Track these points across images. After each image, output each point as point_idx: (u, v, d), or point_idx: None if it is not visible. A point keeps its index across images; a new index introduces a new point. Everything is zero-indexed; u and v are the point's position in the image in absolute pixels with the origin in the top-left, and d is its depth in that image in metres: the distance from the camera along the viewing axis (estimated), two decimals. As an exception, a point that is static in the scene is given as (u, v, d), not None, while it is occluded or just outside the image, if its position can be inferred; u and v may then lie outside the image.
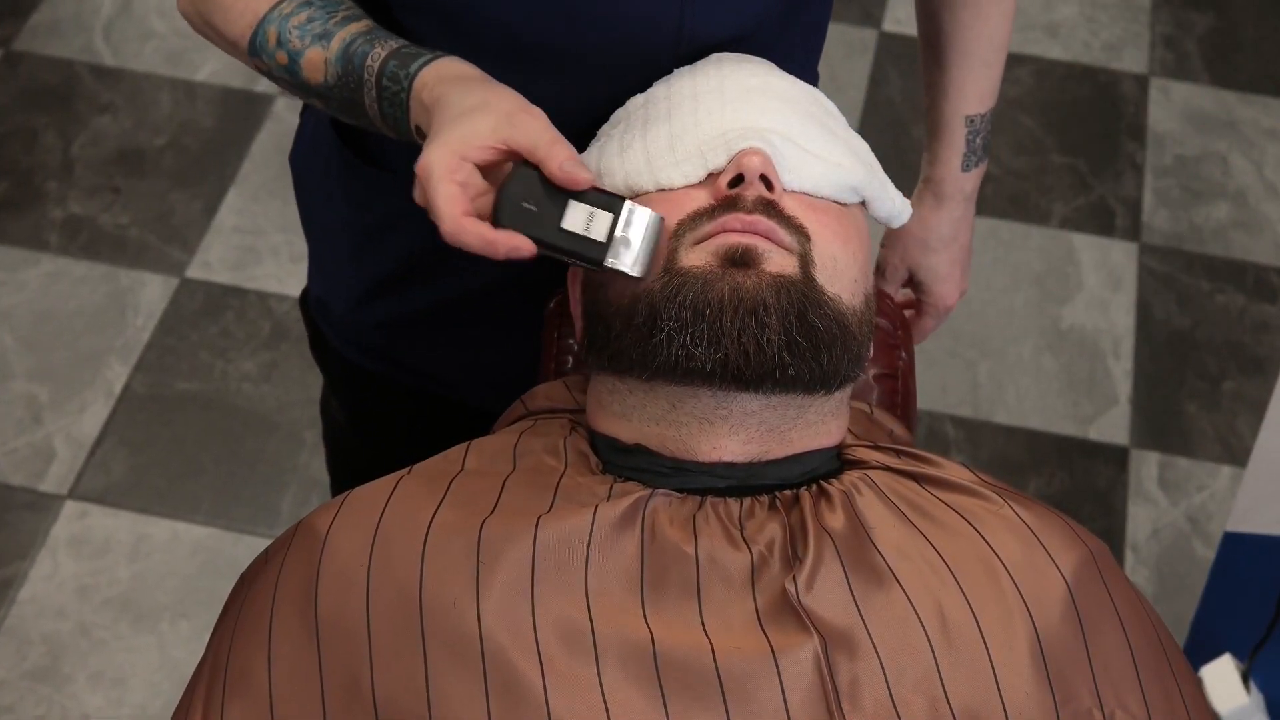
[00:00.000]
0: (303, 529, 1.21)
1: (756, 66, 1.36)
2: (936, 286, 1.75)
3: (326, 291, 1.71)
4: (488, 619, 1.11)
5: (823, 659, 1.11)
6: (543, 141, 1.20)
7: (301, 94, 1.38)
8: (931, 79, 1.67)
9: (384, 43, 1.31)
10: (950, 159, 1.68)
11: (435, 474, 1.24)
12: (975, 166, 1.69)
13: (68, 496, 2.75)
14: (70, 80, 3.40)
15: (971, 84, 1.65)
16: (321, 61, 1.33)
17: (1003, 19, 1.63)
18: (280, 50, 1.35)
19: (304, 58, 1.34)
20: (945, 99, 1.66)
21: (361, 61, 1.30)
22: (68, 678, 2.54)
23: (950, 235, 1.72)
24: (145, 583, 2.65)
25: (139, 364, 2.95)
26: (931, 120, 1.69)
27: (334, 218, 1.64)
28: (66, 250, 3.11)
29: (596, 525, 1.16)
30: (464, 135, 1.20)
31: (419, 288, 1.61)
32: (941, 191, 1.70)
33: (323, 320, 1.74)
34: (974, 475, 1.27)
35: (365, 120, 1.34)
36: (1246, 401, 2.99)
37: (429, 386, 1.73)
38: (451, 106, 1.23)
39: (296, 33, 1.34)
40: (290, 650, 1.15)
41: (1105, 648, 1.18)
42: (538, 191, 1.21)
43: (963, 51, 1.64)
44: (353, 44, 1.31)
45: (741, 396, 1.22)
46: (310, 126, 1.66)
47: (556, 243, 1.21)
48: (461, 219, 1.18)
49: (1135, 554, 2.77)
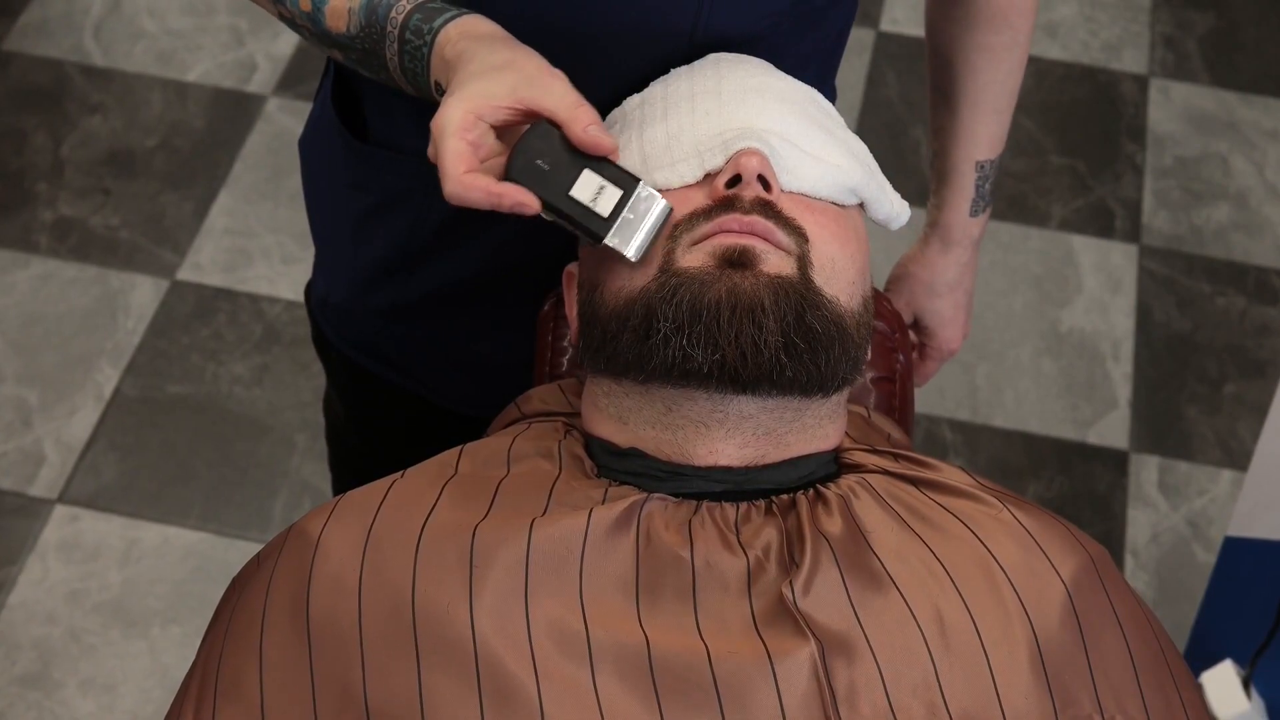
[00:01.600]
0: (294, 533, 1.21)
1: (754, 67, 1.35)
2: (941, 331, 1.76)
3: (328, 280, 1.71)
4: (481, 624, 1.11)
5: (820, 664, 1.11)
6: (566, 103, 1.20)
7: (323, 43, 1.37)
8: (941, 124, 1.68)
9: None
10: (959, 204, 1.68)
11: (428, 478, 1.23)
12: (982, 212, 1.70)
13: (58, 501, 2.75)
14: (60, 81, 3.40)
15: (983, 130, 1.66)
16: (345, 10, 1.32)
17: (1016, 66, 1.63)
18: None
19: (328, 5, 1.33)
20: (956, 144, 1.67)
21: (386, 13, 1.30)
22: (58, 684, 2.54)
23: (956, 280, 1.73)
24: (136, 588, 2.65)
25: (129, 367, 2.94)
26: (940, 165, 1.69)
27: (335, 200, 1.64)
28: (56, 252, 3.11)
29: (591, 529, 1.16)
30: (483, 92, 1.20)
31: (417, 272, 1.61)
32: (949, 238, 1.70)
33: (323, 315, 1.74)
34: (972, 479, 1.27)
35: (385, 74, 1.33)
36: (1247, 405, 2.99)
37: (423, 391, 1.73)
38: (474, 62, 1.23)
39: None
40: (282, 656, 1.15)
41: (1105, 653, 1.17)
42: (555, 151, 1.21)
43: (975, 98, 1.64)
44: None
45: (738, 399, 1.22)
46: (317, 109, 1.66)
47: (561, 207, 1.21)
48: (464, 176, 1.18)
49: (1135, 559, 2.77)
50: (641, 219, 1.21)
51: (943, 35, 1.64)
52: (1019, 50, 1.62)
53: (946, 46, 1.64)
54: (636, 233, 1.21)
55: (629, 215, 1.21)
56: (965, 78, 1.63)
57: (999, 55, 1.62)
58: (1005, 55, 1.62)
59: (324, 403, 1.97)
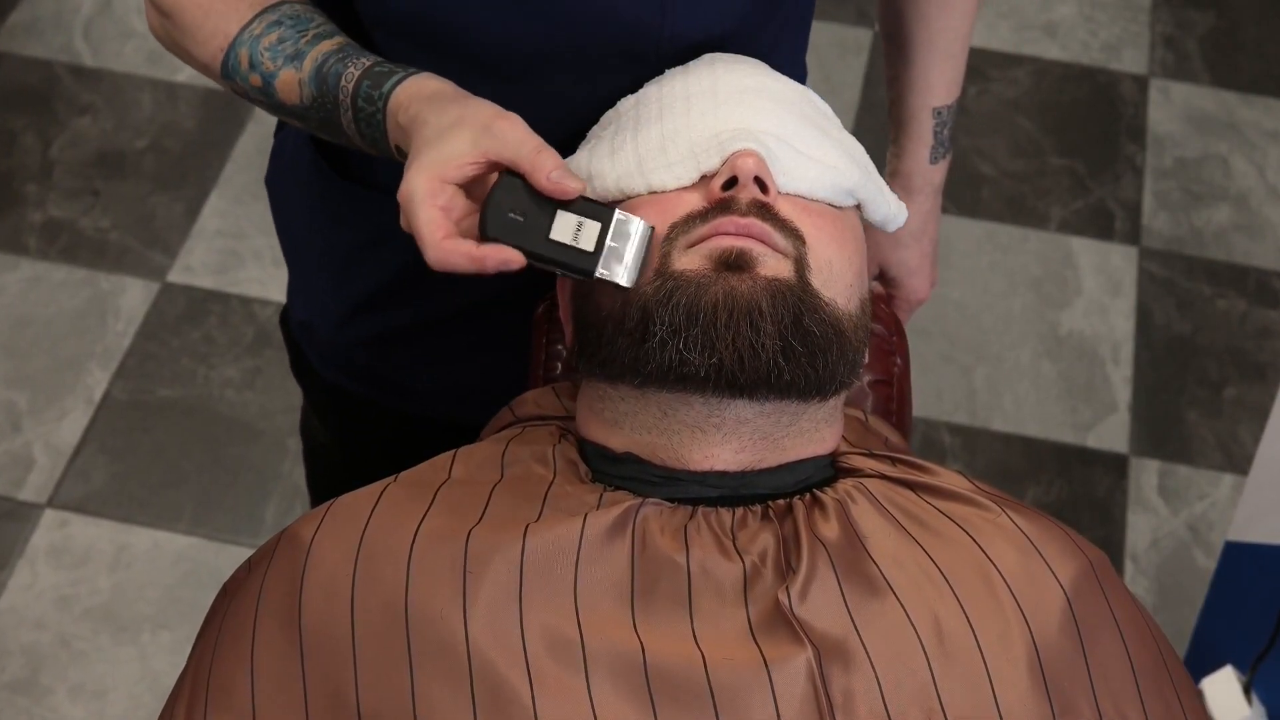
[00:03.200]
0: (286, 539, 1.21)
1: (750, 67, 1.35)
2: (908, 280, 1.77)
3: (309, 313, 1.71)
4: (475, 630, 1.11)
5: (816, 671, 1.11)
6: (526, 151, 1.20)
7: (279, 114, 1.38)
8: (895, 73, 1.69)
9: (356, 61, 1.30)
10: (918, 152, 1.70)
11: (421, 483, 1.24)
12: (942, 158, 1.71)
13: (47, 505, 2.75)
14: (49, 81, 3.41)
15: (938, 76, 1.67)
16: (296, 83, 1.33)
17: (966, 10, 1.65)
18: (254, 73, 1.35)
19: (278, 79, 1.34)
20: (911, 92, 1.68)
21: (335, 82, 1.30)
22: (47, 690, 2.54)
23: (920, 229, 1.74)
24: (126, 593, 2.65)
25: (119, 370, 2.94)
26: (896, 114, 1.71)
27: (315, 237, 1.64)
28: (46, 254, 3.11)
29: (586, 535, 1.16)
30: (443, 156, 1.19)
31: (403, 305, 1.61)
32: (910, 185, 1.72)
33: (306, 342, 1.74)
34: (971, 483, 1.27)
35: (345, 139, 1.34)
36: (1248, 408, 3.00)
37: (412, 408, 1.73)
38: (427, 126, 1.23)
39: (268, 54, 1.34)
40: (273, 662, 1.15)
41: (1104, 659, 1.17)
42: (524, 201, 1.21)
43: (927, 44, 1.66)
44: (325, 64, 1.31)
45: (735, 403, 1.22)
46: (289, 146, 1.66)
47: (545, 254, 1.21)
48: (444, 243, 1.17)
49: (1135, 564, 2.77)
50: (625, 244, 1.21)
51: None
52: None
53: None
54: (623, 259, 1.21)
55: (613, 244, 1.21)
56: (916, 24, 1.64)
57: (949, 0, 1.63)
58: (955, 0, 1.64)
59: (302, 426, 1.97)
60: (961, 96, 3.41)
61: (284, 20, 1.34)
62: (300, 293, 1.72)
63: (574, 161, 1.33)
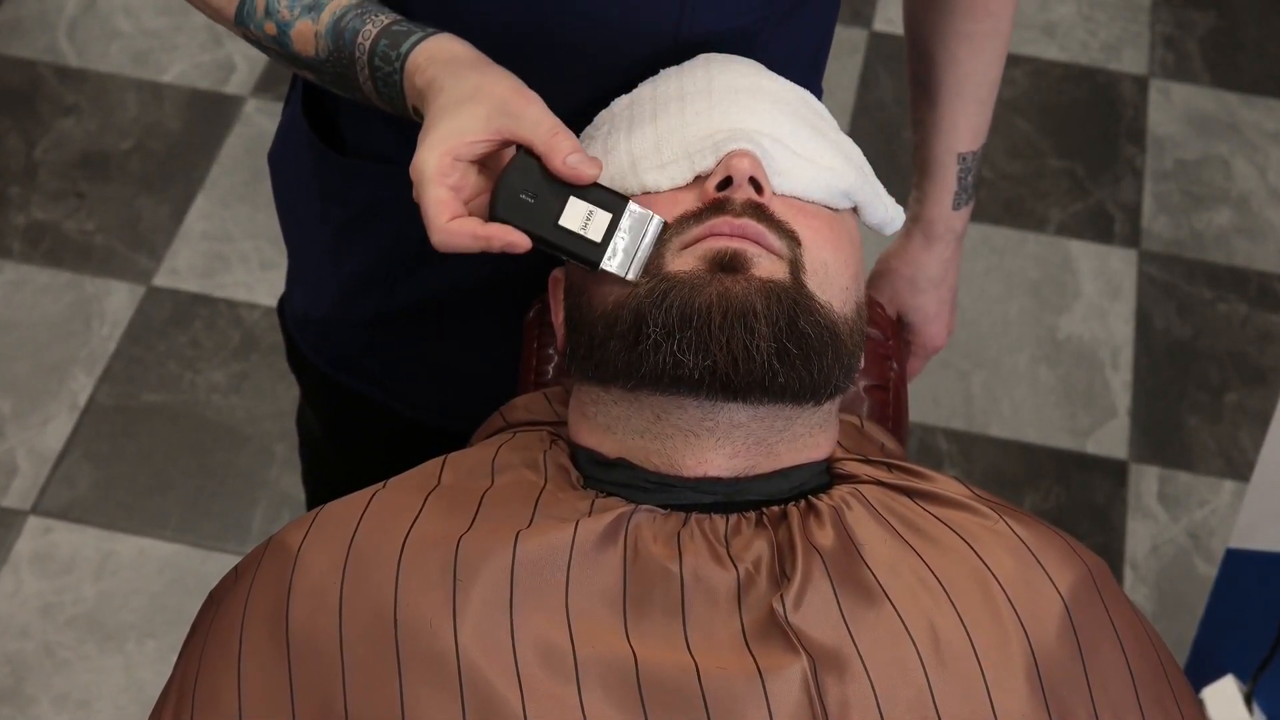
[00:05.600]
0: (273, 546, 1.21)
1: (745, 67, 1.35)
2: (926, 327, 1.76)
3: (305, 296, 1.71)
4: (465, 639, 1.10)
5: (811, 680, 1.11)
6: (542, 132, 1.20)
7: (293, 65, 1.37)
8: (921, 116, 1.68)
9: (375, 18, 1.30)
10: (942, 198, 1.68)
11: (410, 489, 1.23)
12: (965, 205, 1.70)
13: (30, 512, 2.75)
14: (33, 81, 3.41)
15: (964, 121, 1.66)
16: (311, 35, 1.32)
17: (997, 55, 1.64)
18: (269, 20, 1.34)
19: (293, 29, 1.33)
20: (937, 136, 1.67)
21: (352, 39, 1.30)
22: (31, 699, 2.53)
23: (940, 276, 1.73)
24: (111, 601, 2.64)
25: (104, 375, 2.94)
26: (922, 158, 1.69)
27: (311, 213, 1.64)
28: (29, 258, 3.11)
29: (577, 542, 1.16)
30: (456, 130, 1.20)
31: (403, 281, 1.60)
32: (932, 232, 1.70)
33: (300, 332, 1.74)
34: (968, 490, 1.26)
35: (361, 96, 1.34)
36: (1249, 414, 3.00)
37: (402, 407, 1.73)
38: (443, 93, 1.23)
39: (285, 2, 1.33)
40: (261, 671, 1.14)
41: (1103, 668, 1.17)
42: (537, 182, 1.21)
43: (955, 88, 1.64)
44: (343, 19, 1.31)
45: (729, 407, 1.21)
46: (287, 119, 1.66)
47: (552, 239, 1.21)
48: (449, 225, 1.18)
49: (1134, 571, 2.77)
50: (637, 239, 1.21)
51: (923, 24, 1.63)
52: (1000, 38, 1.62)
53: (926, 36, 1.63)
54: (633, 254, 1.21)
55: (621, 236, 1.21)
56: (946, 67, 1.63)
57: (979, 44, 1.61)
58: (986, 44, 1.62)
59: (298, 418, 1.97)
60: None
61: None
62: (297, 274, 1.72)
63: None
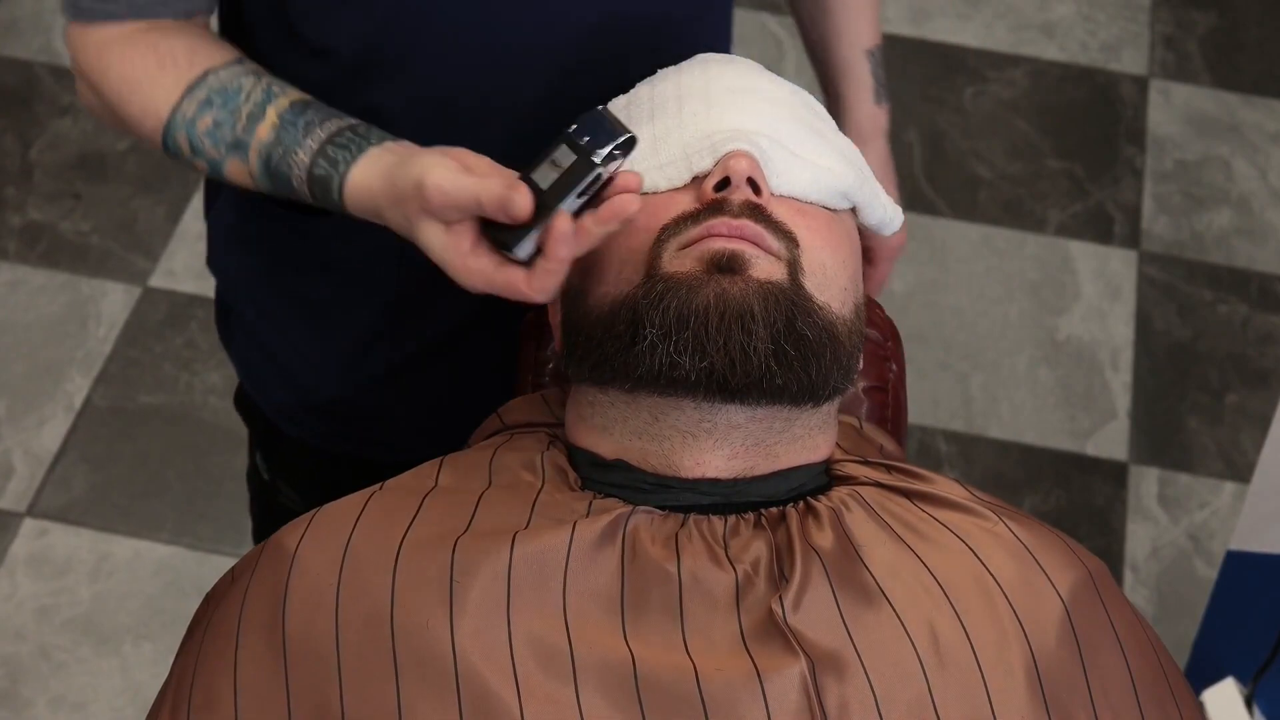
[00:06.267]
0: (270, 547, 1.21)
1: (744, 67, 1.36)
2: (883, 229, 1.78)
3: (293, 387, 1.67)
4: (462, 640, 1.10)
5: (810, 682, 1.11)
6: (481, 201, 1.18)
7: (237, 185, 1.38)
8: (819, 28, 1.70)
9: (298, 159, 1.29)
10: (863, 96, 1.69)
11: (407, 491, 1.23)
12: (884, 100, 1.71)
13: (26, 514, 2.74)
14: (29, 82, 3.40)
15: (862, 20, 1.68)
16: (246, 173, 1.33)
17: None
18: (198, 158, 1.34)
19: (225, 166, 1.34)
20: (840, 41, 1.69)
21: (289, 182, 1.30)
22: (27, 702, 2.53)
23: (882, 175, 1.72)
24: (107, 603, 2.64)
25: (100, 376, 2.94)
26: (830, 66, 1.71)
27: (291, 298, 1.61)
28: (25, 258, 3.10)
29: (575, 543, 1.16)
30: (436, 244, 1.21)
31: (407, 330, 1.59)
32: (863, 133, 1.70)
33: (291, 420, 1.71)
34: (967, 492, 1.26)
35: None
36: (1250, 415, 3.00)
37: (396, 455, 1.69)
38: (392, 224, 1.25)
39: (208, 141, 1.33)
40: (257, 673, 1.14)
41: (1104, 671, 1.17)
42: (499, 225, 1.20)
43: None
44: (271, 160, 1.30)
45: (727, 409, 1.22)
46: (230, 220, 1.63)
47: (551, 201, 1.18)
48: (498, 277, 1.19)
49: (1134, 573, 2.77)
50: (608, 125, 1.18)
51: None
52: None
53: None
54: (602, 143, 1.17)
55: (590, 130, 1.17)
56: None
57: None
58: None
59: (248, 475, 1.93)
60: (958, 97, 3.41)
61: (213, 99, 1.32)
62: (278, 374, 1.68)
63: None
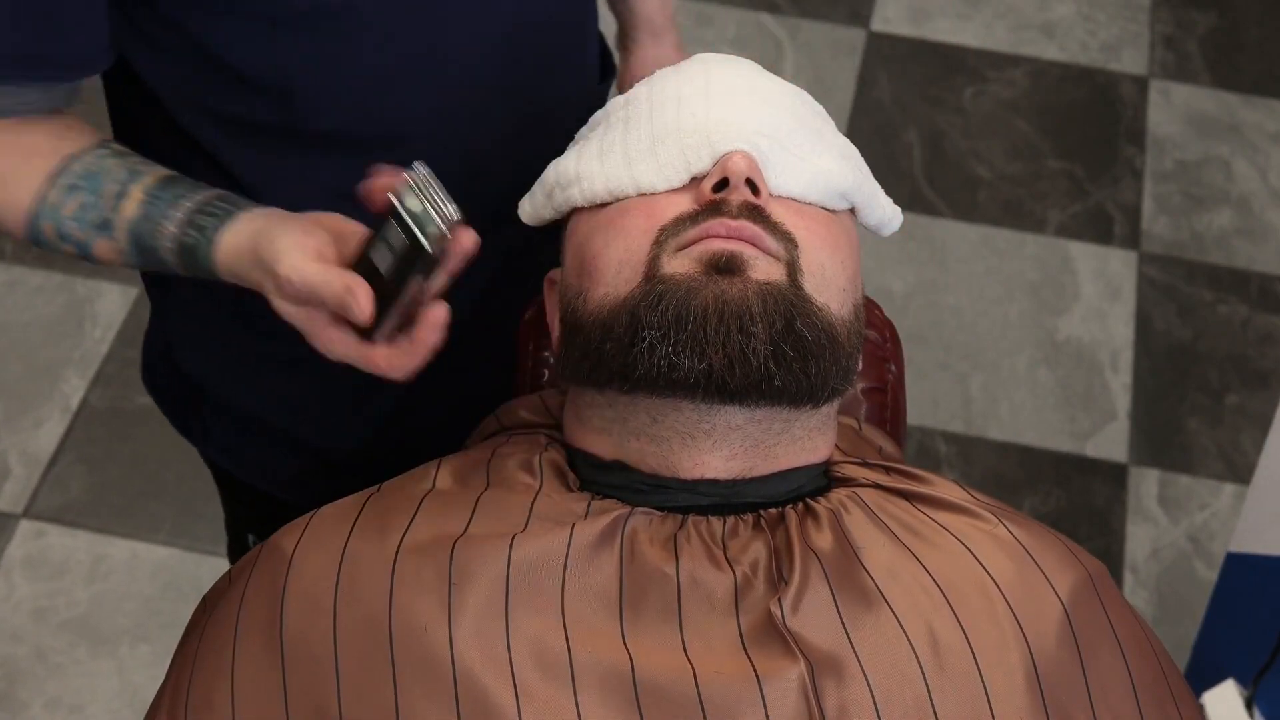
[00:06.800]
0: (267, 549, 1.21)
1: (743, 67, 1.35)
2: None
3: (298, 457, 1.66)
4: (460, 643, 1.10)
5: (809, 684, 1.10)
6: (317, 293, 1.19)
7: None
8: None
9: (165, 226, 1.28)
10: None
11: (405, 493, 1.23)
12: None
13: (23, 515, 2.74)
14: None
15: None
16: (115, 251, 1.32)
17: None
18: (65, 244, 1.32)
19: (93, 246, 1.32)
20: None
21: (155, 249, 1.29)
22: (24, 704, 2.52)
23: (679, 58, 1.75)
24: (104, 605, 2.64)
25: (97, 377, 2.93)
26: None
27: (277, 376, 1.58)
28: (21, 259, 3.10)
29: (573, 545, 1.15)
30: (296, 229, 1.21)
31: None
32: (655, 27, 1.78)
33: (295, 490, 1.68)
34: (967, 493, 1.26)
35: None
36: (1250, 416, 2.99)
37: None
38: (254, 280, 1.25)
39: (74, 224, 1.31)
40: (254, 676, 1.14)
41: (1103, 673, 1.17)
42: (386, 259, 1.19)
43: None
44: (139, 233, 1.29)
45: (725, 410, 1.21)
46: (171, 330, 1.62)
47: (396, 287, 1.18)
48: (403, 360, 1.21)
49: (1134, 575, 2.76)
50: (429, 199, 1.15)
51: None
52: None
53: None
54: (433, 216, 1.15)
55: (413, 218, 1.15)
56: None
57: None
58: None
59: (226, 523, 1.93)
60: (958, 97, 3.41)
61: (78, 183, 1.30)
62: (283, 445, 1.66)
63: (562, 163, 1.33)
